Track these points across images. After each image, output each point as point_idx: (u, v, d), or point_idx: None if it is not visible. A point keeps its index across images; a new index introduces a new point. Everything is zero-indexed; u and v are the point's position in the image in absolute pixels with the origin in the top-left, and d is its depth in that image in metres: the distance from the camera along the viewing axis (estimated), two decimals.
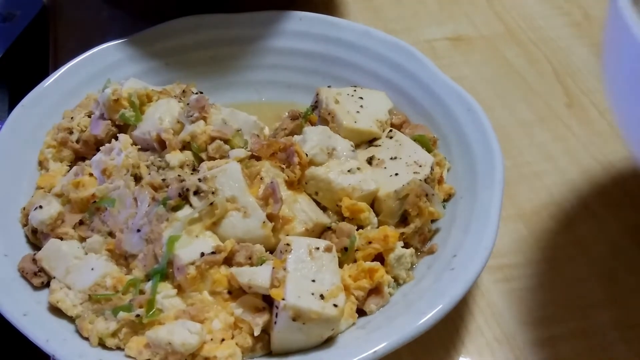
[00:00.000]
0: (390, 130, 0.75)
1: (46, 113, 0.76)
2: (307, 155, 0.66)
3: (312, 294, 0.57)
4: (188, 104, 0.72)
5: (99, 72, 0.80)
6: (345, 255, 0.64)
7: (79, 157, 0.75)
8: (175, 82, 0.80)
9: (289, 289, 0.57)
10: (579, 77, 0.92)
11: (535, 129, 0.86)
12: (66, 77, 0.78)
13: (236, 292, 0.61)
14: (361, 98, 0.76)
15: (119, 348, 0.60)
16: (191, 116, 0.71)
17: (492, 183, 0.66)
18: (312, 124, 0.75)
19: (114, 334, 0.59)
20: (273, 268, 0.59)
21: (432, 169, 0.69)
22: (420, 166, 0.69)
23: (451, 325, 0.68)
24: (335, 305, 0.57)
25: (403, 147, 0.72)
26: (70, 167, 0.73)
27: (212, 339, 0.58)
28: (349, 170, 0.68)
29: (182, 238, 0.61)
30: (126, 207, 0.65)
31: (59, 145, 0.74)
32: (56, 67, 0.81)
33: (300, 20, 0.84)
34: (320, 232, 0.67)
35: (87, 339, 0.60)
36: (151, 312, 0.59)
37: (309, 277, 0.58)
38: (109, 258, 0.64)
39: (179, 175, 0.65)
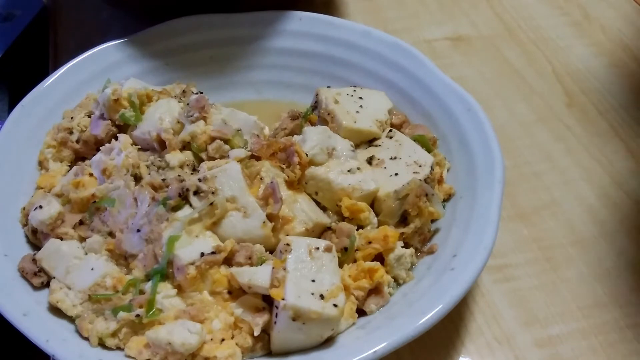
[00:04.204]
0: (390, 130, 0.75)
1: (46, 113, 0.76)
2: (307, 155, 0.66)
3: (312, 294, 0.57)
4: (188, 104, 0.72)
5: (99, 72, 0.80)
6: (345, 255, 0.64)
7: (79, 157, 0.75)
8: (175, 82, 0.80)
9: (288, 289, 0.57)
10: (579, 77, 0.92)
11: (535, 129, 0.86)
12: (66, 77, 0.78)
13: (236, 292, 0.61)
14: (361, 98, 0.76)
15: (119, 348, 0.60)
16: (191, 116, 0.71)
17: (492, 183, 0.66)
18: (312, 124, 0.75)
19: (114, 334, 0.59)
20: (273, 268, 0.59)
21: (432, 169, 0.69)
22: (420, 166, 0.69)
23: (451, 325, 0.68)
24: (335, 305, 0.57)
25: (403, 147, 0.72)
26: (70, 167, 0.73)
27: (212, 339, 0.58)
28: (348, 170, 0.68)
29: (182, 238, 0.61)
30: (126, 207, 0.65)
31: (59, 145, 0.74)
32: (56, 67, 0.81)
33: (300, 20, 0.84)
34: (320, 232, 0.67)
35: (87, 339, 0.60)
36: (151, 312, 0.59)
37: (309, 277, 0.58)
38: (109, 258, 0.64)
39: (179, 175, 0.65)
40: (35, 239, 0.67)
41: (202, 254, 0.60)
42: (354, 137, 0.72)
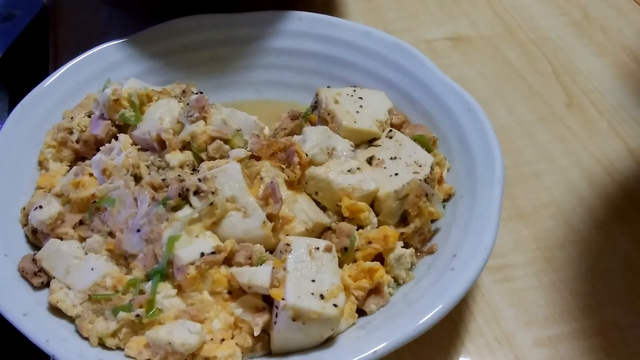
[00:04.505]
0: (390, 130, 0.75)
1: (46, 113, 0.76)
2: (307, 155, 0.66)
3: (312, 294, 0.57)
4: (188, 104, 0.72)
5: (99, 72, 0.80)
6: (345, 255, 0.64)
7: (79, 157, 0.75)
8: (175, 82, 0.80)
9: (288, 289, 0.57)
10: (579, 77, 0.92)
11: (535, 129, 0.86)
12: (66, 77, 0.78)
13: (236, 292, 0.61)
14: (361, 98, 0.76)
15: (119, 348, 0.60)
16: (191, 116, 0.71)
17: (492, 183, 0.66)
18: (312, 124, 0.75)
19: (114, 334, 0.59)
20: (273, 268, 0.59)
21: (432, 169, 0.69)
22: (420, 166, 0.69)
23: (451, 325, 0.68)
24: (335, 305, 0.57)
25: (403, 147, 0.72)
26: (70, 167, 0.73)
27: (212, 339, 0.58)
28: (348, 170, 0.68)
29: (182, 238, 0.61)
30: (126, 207, 0.65)
31: (59, 145, 0.74)
32: (56, 67, 0.81)
33: (300, 20, 0.84)
34: (320, 232, 0.67)
35: (87, 339, 0.60)
36: (151, 312, 0.59)
37: (309, 277, 0.58)
38: (109, 258, 0.64)
39: (179, 175, 0.65)
40: (35, 239, 0.67)
41: (202, 254, 0.60)
42: (354, 137, 0.72)
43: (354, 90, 0.78)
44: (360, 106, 0.75)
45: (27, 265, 0.64)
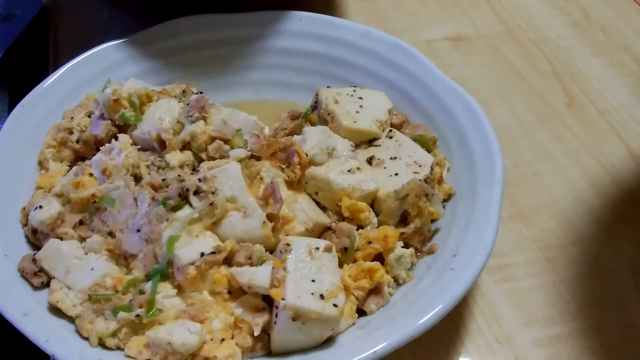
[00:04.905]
0: (390, 130, 0.75)
1: (46, 113, 0.76)
2: (307, 155, 0.66)
3: (312, 294, 0.57)
4: (188, 104, 0.72)
5: (99, 72, 0.80)
6: (345, 255, 0.64)
7: (79, 157, 0.75)
8: (175, 82, 0.80)
9: (288, 289, 0.57)
10: (579, 77, 0.92)
11: (535, 129, 0.86)
12: (66, 77, 0.78)
13: (236, 292, 0.61)
14: (361, 98, 0.76)
15: (119, 348, 0.60)
16: (191, 116, 0.71)
17: (492, 183, 0.66)
18: (312, 124, 0.75)
19: (114, 334, 0.59)
20: (273, 268, 0.59)
21: (432, 168, 0.69)
22: (420, 166, 0.69)
23: (451, 325, 0.68)
24: (335, 305, 0.57)
25: (403, 147, 0.72)
26: (70, 167, 0.73)
27: (212, 339, 0.58)
28: (348, 170, 0.68)
29: (182, 238, 0.61)
30: (126, 207, 0.65)
31: (59, 145, 0.74)
32: (56, 67, 0.81)
33: (300, 20, 0.84)
34: (320, 232, 0.67)
35: (87, 339, 0.60)
36: (151, 312, 0.59)
37: (309, 277, 0.58)
38: (109, 258, 0.64)
39: (179, 175, 0.65)
40: (35, 239, 0.67)
41: (202, 254, 0.60)
42: (354, 137, 0.72)
43: (354, 90, 0.78)
44: (360, 106, 0.75)
45: (27, 265, 0.64)
